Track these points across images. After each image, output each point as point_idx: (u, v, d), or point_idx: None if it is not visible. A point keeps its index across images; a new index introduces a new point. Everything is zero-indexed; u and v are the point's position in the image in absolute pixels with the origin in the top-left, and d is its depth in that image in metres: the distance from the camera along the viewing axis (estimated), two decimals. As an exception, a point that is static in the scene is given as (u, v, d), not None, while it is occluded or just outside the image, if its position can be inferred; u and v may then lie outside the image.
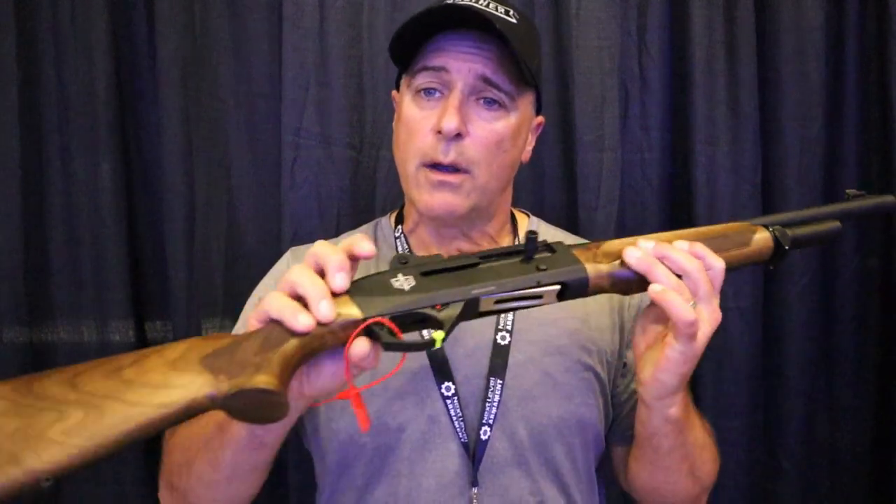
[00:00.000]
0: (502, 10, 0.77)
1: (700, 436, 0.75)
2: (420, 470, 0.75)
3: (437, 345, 0.54)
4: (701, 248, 0.64)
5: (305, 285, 0.52)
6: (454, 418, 0.75)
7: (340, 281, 0.53)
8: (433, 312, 0.56)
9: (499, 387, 0.76)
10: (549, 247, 0.63)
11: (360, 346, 0.52)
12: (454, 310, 0.56)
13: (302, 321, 0.50)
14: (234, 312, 1.07)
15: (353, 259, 0.56)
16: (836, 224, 0.71)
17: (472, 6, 0.74)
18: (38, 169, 1.12)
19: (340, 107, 1.15)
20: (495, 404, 0.76)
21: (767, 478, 1.22)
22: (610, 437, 0.84)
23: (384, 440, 0.76)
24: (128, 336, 1.14)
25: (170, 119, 1.13)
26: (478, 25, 0.74)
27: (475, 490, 0.74)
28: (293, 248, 0.92)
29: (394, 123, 0.85)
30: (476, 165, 0.77)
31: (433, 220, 0.80)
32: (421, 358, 0.77)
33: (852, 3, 1.20)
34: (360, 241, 0.55)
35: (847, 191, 0.75)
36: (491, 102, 0.77)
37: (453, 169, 0.76)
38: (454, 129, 0.74)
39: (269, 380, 0.48)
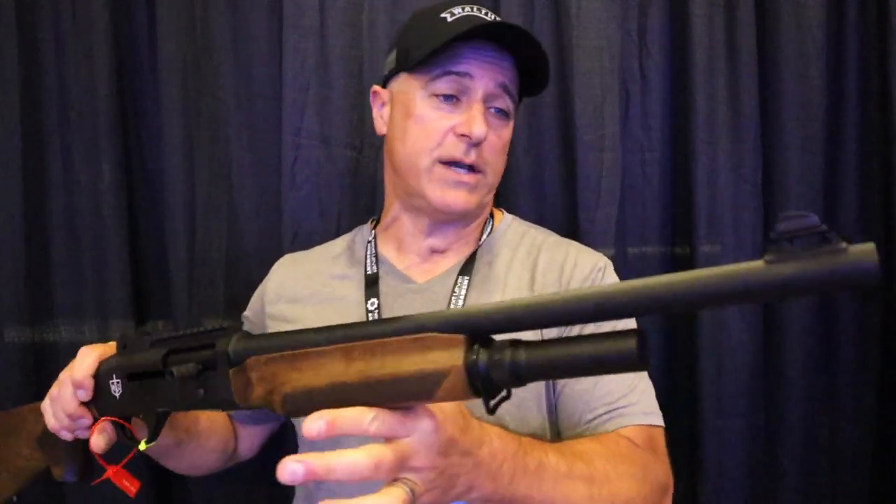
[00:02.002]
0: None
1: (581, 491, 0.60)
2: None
3: (143, 447, 0.66)
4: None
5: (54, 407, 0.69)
6: None
7: (81, 396, 0.66)
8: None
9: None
10: (227, 358, 0.53)
11: (96, 440, 0.67)
12: (149, 420, 0.65)
13: (51, 425, 0.70)
14: (234, 312, 1.07)
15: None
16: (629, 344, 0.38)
17: (501, 21, 0.80)
18: (39, 169, 1.12)
19: (340, 107, 1.15)
20: None
21: (768, 478, 1.22)
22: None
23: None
24: (128, 336, 1.14)
25: (170, 119, 1.13)
26: (500, 36, 0.79)
27: None
28: (285, 256, 0.98)
29: (383, 118, 0.88)
30: (489, 167, 0.83)
31: (444, 214, 0.83)
32: None
33: (852, 3, 1.19)
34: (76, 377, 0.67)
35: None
36: (500, 112, 0.83)
37: (471, 169, 0.81)
38: (484, 136, 0.79)
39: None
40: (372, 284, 0.86)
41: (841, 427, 1.23)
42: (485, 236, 0.88)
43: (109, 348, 0.68)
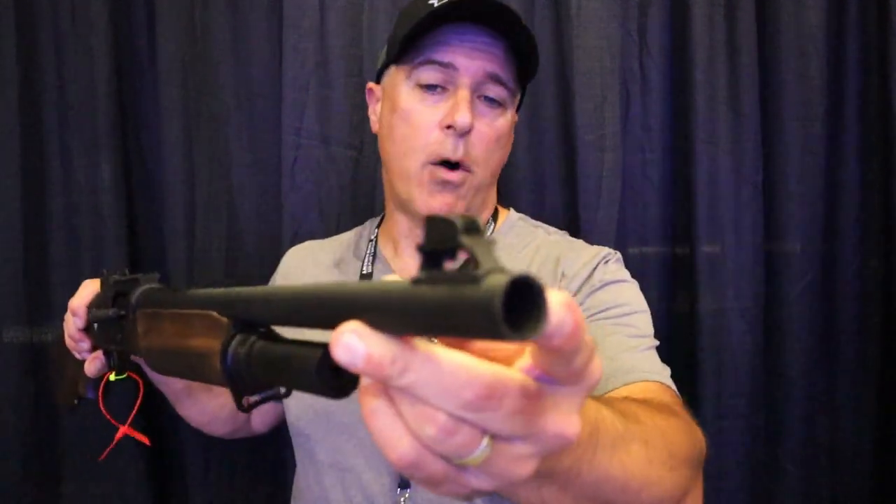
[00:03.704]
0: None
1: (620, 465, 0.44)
2: (347, 462, 0.76)
3: (112, 378, 0.71)
4: None
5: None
6: None
7: (76, 324, 0.72)
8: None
9: None
10: (131, 307, 0.56)
11: (88, 366, 0.72)
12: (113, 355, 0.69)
13: (67, 343, 0.76)
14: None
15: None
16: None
17: (496, 1, 0.72)
18: (38, 169, 1.12)
19: (340, 107, 1.15)
20: None
21: (768, 478, 1.22)
22: None
23: (313, 424, 0.79)
24: (128, 336, 1.14)
25: (170, 119, 1.13)
26: (489, 20, 0.73)
27: (406, 492, 0.74)
28: (293, 248, 0.95)
29: (376, 115, 0.85)
30: (477, 164, 0.77)
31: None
32: None
33: (852, 3, 1.19)
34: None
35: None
36: (491, 101, 0.76)
37: (459, 167, 0.76)
38: (468, 125, 0.73)
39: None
40: None
41: (841, 427, 1.23)
42: (487, 235, 0.86)
43: None
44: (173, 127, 1.13)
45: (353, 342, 0.25)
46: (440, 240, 0.25)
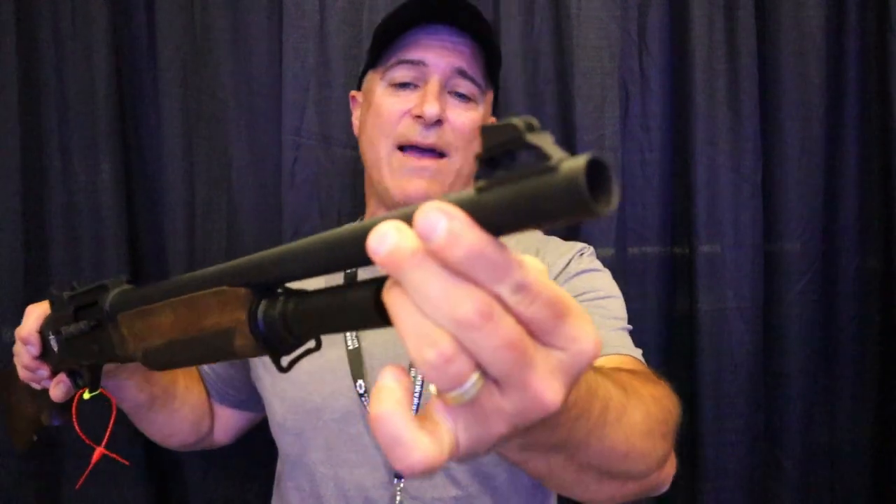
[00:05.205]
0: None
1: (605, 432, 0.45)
2: (339, 458, 0.76)
3: (86, 396, 0.67)
4: None
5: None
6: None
7: (31, 352, 0.68)
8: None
9: (420, 378, 0.74)
10: (106, 314, 0.54)
11: (53, 391, 0.68)
12: (84, 372, 0.64)
13: (21, 376, 0.72)
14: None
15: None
16: None
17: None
18: (38, 169, 1.12)
19: (340, 107, 1.14)
20: (416, 395, 0.75)
21: (768, 477, 1.22)
22: None
23: (302, 422, 0.78)
24: (128, 336, 1.14)
25: (170, 119, 1.13)
26: (457, 19, 0.77)
27: (402, 482, 0.74)
28: None
29: (357, 119, 0.88)
30: (455, 150, 0.79)
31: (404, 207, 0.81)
32: (339, 350, 0.78)
33: (852, 3, 1.19)
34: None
35: None
36: (462, 96, 0.80)
37: (433, 152, 0.78)
38: (436, 114, 0.76)
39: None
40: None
41: (841, 427, 1.23)
42: None
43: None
44: (173, 126, 1.13)
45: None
46: (502, 143, 0.26)
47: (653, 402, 0.52)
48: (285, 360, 0.39)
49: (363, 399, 0.76)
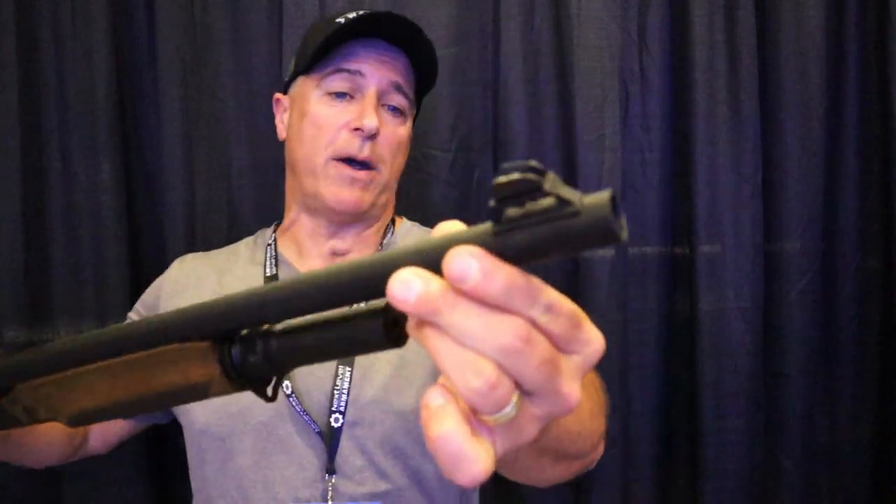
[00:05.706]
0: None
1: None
2: (268, 460, 0.75)
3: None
4: None
5: None
6: (299, 412, 0.76)
7: None
8: None
9: (348, 374, 0.76)
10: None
11: None
12: None
13: None
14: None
15: None
16: None
17: (402, 16, 0.81)
18: (38, 169, 1.12)
19: (340, 107, 1.15)
20: (345, 392, 0.76)
21: (768, 477, 1.22)
22: None
23: (228, 426, 0.77)
24: (128, 336, 1.13)
25: (169, 119, 1.13)
26: (395, 35, 0.81)
27: (333, 478, 0.74)
28: (187, 255, 0.97)
29: (283, 123, 0.90)
30: (384, 163, 0.83)
31: (337, 213, 0.83)
32: None
33: (852, 3, 1.20)
34: None
35: None
36: (394, 109, 0.83)
37: (366, 166, 0.81)
38: (375, 128, 0.79)
39: None
40: None
41: (840, 427, 1.23)
42: (386, 239, 0.89)
43: None
44: (173, 127, 1.13)
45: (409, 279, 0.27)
46: (517, 194, 0.27)
47: (590, 383, 0.58)
48: (269, 389, 0.39)
49: (291, 399, 0.76)
